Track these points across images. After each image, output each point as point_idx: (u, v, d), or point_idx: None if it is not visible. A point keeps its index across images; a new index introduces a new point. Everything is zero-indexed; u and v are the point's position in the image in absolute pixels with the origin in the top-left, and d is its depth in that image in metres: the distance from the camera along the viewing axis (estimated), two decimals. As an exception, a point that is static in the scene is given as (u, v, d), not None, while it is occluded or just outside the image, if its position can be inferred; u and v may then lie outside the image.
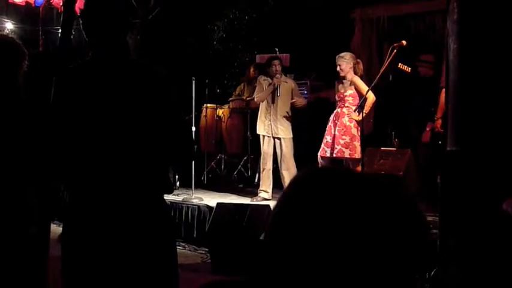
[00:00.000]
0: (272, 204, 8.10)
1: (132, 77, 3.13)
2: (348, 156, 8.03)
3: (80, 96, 3.08)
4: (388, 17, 11.54)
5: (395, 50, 7.45)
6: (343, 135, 8.04)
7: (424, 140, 8.67)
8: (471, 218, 5.20)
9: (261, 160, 9.01)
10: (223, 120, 11.35)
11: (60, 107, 3.13)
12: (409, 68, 8.87)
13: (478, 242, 5.12)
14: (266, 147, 8.93)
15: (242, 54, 13.45)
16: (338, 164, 8.08)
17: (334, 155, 8.09)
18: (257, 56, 12.43)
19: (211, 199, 8.76)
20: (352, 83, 8.04)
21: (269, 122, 8.89)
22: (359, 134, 8.03)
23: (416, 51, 9.26)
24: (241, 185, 10.47)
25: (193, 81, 9.03)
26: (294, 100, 8.94)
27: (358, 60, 8.16)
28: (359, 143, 8.03)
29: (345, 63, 8.07)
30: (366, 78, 10.92)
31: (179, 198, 8.80)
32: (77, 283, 3.12)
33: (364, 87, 7.95)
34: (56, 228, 5.88)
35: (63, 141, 3.10)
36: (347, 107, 8.10)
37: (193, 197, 8.79)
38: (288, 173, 8.71)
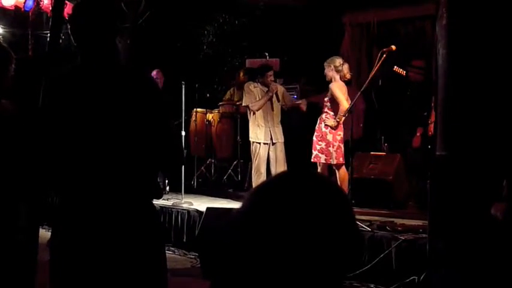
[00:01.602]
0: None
1: (121, 82, 3.12)
2: (324, 162, 8.06)
3: (69, 102, 3.07)
4: (378, 21, 11.57)
5: (384, 55, 7.47)
6: (319, 141, 8.12)
7: (415, 145, 8.72)
8: (460, 222, 5.22)
9: (256, 165, 8.99)
10: (213, 124, 11.34)
11: (49, 112, 3.12)
12: (404, 72, 8.90)
13: (467, 246, 5.14)
14: (263, 153, 8.96)
15: (232, 58, 13.45)
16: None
17: (311, 160, 8.14)
18: (247, 60, 12.44)
19: (201, 203, 8.76)
20: (329, 90, 8.08)
21: (268, 129, 8.93)
22: (335, 139, 8.03)
23: (406, 56, 9.29)
24: (231, 190, 10.46)
25: (183, 86, 9.02)
26: (299, 102, 9.13)
27: (344, 63, 8.17)
28: (334, 149, 8.04)
29: (327, 67, 8.13)
30: (356, 82, 10.96)
31: (169, 203, 8.79)
32: (65, 287, 3.11)
33: (338, 95, 7.97)
34: (45, 233, 5.86)
35: (52, 147, 3.09)
36: (325, 112, 8.14)
37: (183, 201, 8.78)
38: None
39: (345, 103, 7.90)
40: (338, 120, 7.97)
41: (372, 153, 9.28)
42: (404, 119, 9.20)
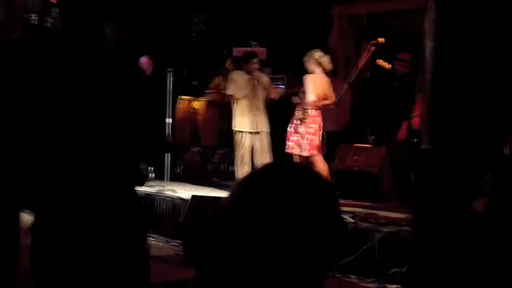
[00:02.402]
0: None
1: (106, 70, 3.12)
2: (297, 153, 8.08)
3: (54, 87, 3.05)
4: (367, 14, 11.55)
5: (372, 48, 7.48)
6: (294, 133, 8.12)
7: (400, 138, 8.71)
8: (444, 216, 5.25)
9: (241, 155, 8.97)
10: (198, 112, 11.31)
11: (35, 96, 3.11)
12: (390, 65, 8.91)
13: (450, 239, 5.17)
14: (248, 143, 8.93)
15: (219, 47, 13.40)
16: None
17: (286, 151, 8.16)
18: (234, 49, 12.40)
19: (184, 191, 8.73)
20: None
21: (254, 118, 8.90)
22: (308, 132, 8.05)
23: (394, 49, 9.28)
24: (215, 178, 10.43)
25: (171, 73, 8.97)
26: (274, 95, 9.07)
27: (323, 55, 8.17)
28: (307, 142, 8.06)
29: (306, 61, 8.15)
30: (344, 74, 10.96)
31: (153, 190, 8.76)
32: (46, 272, 3.10)
33: (307, 86, 8.02)
34: (26, 218, 5.83)
35: (35, 131, 3.08)
36: (299, 103, 8.18)
37: (167, 188, 8.76)
38: None
39: (310, 95, 7.90)
40: (305, 113, 7.98)
41: (356, 145, 9.29)
42: (390, 111, 9.19)
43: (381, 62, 8.88)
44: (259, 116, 8.93)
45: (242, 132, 8.94)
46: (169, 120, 9.06)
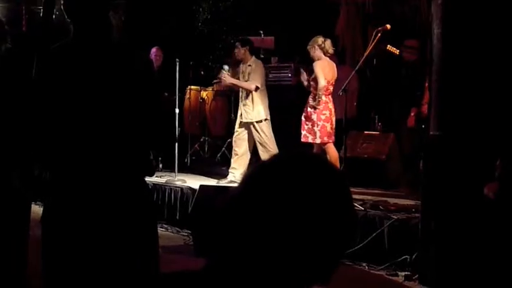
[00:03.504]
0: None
1: (113, 59, 3.12)
2: (311, 141, 8.07)
3: (61, 78, 3.06)
4: (373, 0, 11.51)
5: (379, 34, 7.45)
6: (306, 121, 8.11)
7: (409, 125, 8.70)
8: (453, 202, 5.24)
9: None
10: (207, 102, 11.31)
11: (41, 87, 3.11)
12: (398, 51, 8.87)
13: (459, 226, 5.16)
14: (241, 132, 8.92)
15: (226, 36, 13.39)
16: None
17: (301, 140, 8.14)
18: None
19: (194, 181, 8.75)
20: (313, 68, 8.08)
21: (241, 107, 8.87)
22: (320, 118, 8.02)
23: (401, 36, 9.25)
24: (224, 168, 10.44)
25: (177, 63, 8.97)
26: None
27: (326, 39, 8.13)
28: (318, 128, 8.04)
29: (311, 48, 8.11)
30: (350, 61, 10.93)
31: (162, 180, 8.78)
32: (56, 264, 3.12)
33: (317, 73, 7.96)
34: (38, 209, 5.86)
35: (44, 122, 3.08)
36: (311, 92, 8.13)
37: (176, 179, 8.77)
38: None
39: (322, 81, 7.88)
40: (318, 98, 7.96)
41: (365, 132, 9.28)
42: (398, 98, 9.18)
43: (390, 48, 8.84)
44: (246, 105, 8.87)
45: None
46: (177, 111, 9.05)
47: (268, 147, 8.69)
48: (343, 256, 1.31)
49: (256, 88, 8.70)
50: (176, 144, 8.96)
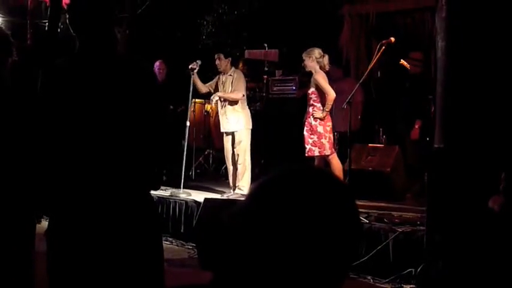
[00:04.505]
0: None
1: (118, 73, 3.12)
2: (318, 154, 8.01)
3: (66, 92, 3.06)
4: (377, 13, 11.54)
5: (383, 47, 7.47)
6: (311, 134, 8.05)
7: (413, 137, 8.71)
8: (458, 215, 5.23)
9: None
10: (211, 115, 11.34)
11: (46, 101, 3.12)
12: (409, 65, 8.91)
13: (464, 239, 5.14)
14: (226, 144, 8.95)
15: (231, 49, 13.44)
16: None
17: (306, 155, 8.09)
18: (246, 51, 12.42)
19: (198, 194, 8.75)
20: (314, 81, 8.03)
21: (222, 117, 8.90)
22: (326, 130, 8.01)
23: (405, 48, 9.28)
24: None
25: (192, 75, 8.95)
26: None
27: (324, 54, 8.12)
28: (327, 140, 8.02)
29: (307, 58, 8.07)
30: (355, 74, 10.96)
31: (166, 193, 8.78)
32: (62, 278, 3.12)
33: (324, 85, 7.94)
34: (42, 223, 5.86)
35: (49, 136, 3.09)
36: (311, 105, 8.08)
37: (181, 191, 8.78)
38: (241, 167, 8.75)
39: (332, 92, 7.88)
40: (327, 110, 7.95)
41: (369, 145, 9.28)
42: (402, 111, 9.19)
43: (403, 62, 8.88)
44: (226, 115, 8.94)
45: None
46: (188, 123, 9.09)
47: (240, 158, 8.74)
48: (349, 269, 1.31)
49: (233, 90, 8.79)
50: (184, 156, 8.99)
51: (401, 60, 8.92)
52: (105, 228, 3.05)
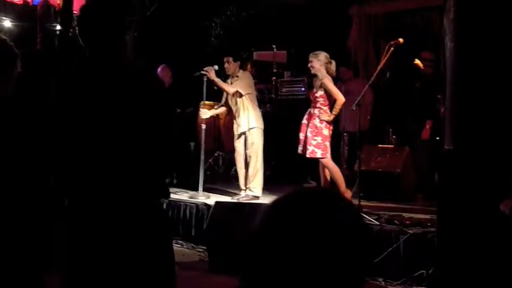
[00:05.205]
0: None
1: (127, 84, 3.13)
2: (320, 156, 7.99)
3: (77, 102, 3.08)
4: (385, 13, 11.54)
5: (392, 48, 7.46)
6: (315, 136, 8.00)
7: (424, 137, 8.69)
8: (468, 217, 5.22)
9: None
10: (221, 117, 11.33)
11: (57, 110, 3.14)
12: (422, 65, 8.93)
13: (475, 241, 5.14)
14: (237, 146, 8.95)
15: (239, 51, 13.45)
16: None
17: (307, 155, 8.07)
18: (254, 53, 12.42)
19: (208, 197, 8.76)
20: (322, 85, 8.01)
21: (234, 121, 8.90)
22: (329, 134, 8.01)
23: (414, 48, 9.27)
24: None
25: (205, 79, 8.96)
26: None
27: (331, 60, 8.11)
28: (328, 143, 8.01)
29: (316, 60, 8.04)
30: (363, 74, 10.95)
31: (177, 196, 8.80)
32: (74, 281, 3.14)
33: (333, 89, 7.93)
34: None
35: (59, 144, 3.11)
36: (318, 107, 8.05)
37: (200, 194, 8.82)
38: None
39: (341, 97, 7.88)
40: (334, 113, 7.95)
41: (379, 145, 9.27)
42: (412, 111, 9.18)
43: (417, 62, 8.89)
44: (239, 117, 8.94)
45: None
46: (203, 126, 9.13)
47: (253, 160, 8.72)
48: (364, 278, 1.36)
49: (240, 94, 8.77)
50: (202, 158, 9.02)
51: (416, 60, 8.92)
52: (116, 235, 3.07)
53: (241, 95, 8.71)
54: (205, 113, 9.17)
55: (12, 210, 3.40)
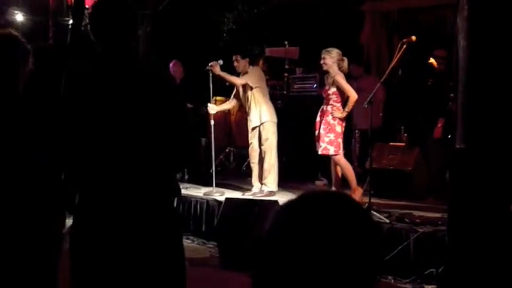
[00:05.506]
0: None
1: (140, 82, 3.13)
2: (333, 153, 7.97)
3: (89, 100, 3.08)
4: (398, 10, 11.51)
5: (404, 46, 7.44)
6: (328, 133, 7.98)
7: (436, 136, 8.66)
8: (479, 216, 5.20)
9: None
10: (232, 113, 11.33)
11: (69, 108, 3.14)
12: (436, 63, 8.91)
13: (486, 240, 5.12)
14: (251, 140, 8.93)
15: (251, 46, 13.44)
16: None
17: (320, 153, 8.06)
18: (267, 49, 12.40)
19: (219, 193, 8.77)
20: (334, 82, 7.99)
21: (248, 116, 8.90)
22: (342, 131, 8.00)
23: (426, 45, 9.23)
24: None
25: (211, 75, 8.94)
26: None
27: (344, 58, 8.09)
28: (341, 140, 8.00)
29: (329, 57, 8.02)
30: (376, 72, 10.92)
31: (188, 192, 8.82)
32: (84, 278, 3.15)
33: (346, 86, 7.92)
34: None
35: (71, 142, 3.12)
36: (331, 104, 8.03)
37: (214, 190, 8.85)
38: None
39: (354, 94, 7.86)
40: (347, 110, 7.94)
41: (391, 143, 9.26)
42: (425, 109, 9.15)
43: (432, 61, 8.87)
44: (251, 112, 8.94)
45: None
46: (212, 122, 9.14)
47: (267, 155, 8.73)
48: (375, 277, 1.38)
49: (250, 88, 8.77)
50: (213, 155, 9.04)
51: (431, 59, 8.90)
52: (127, 230, 3.07)
53: (251, 88, 8.69)
54: (212, 109, 9.16)
55: (23, 206, 3.42)
